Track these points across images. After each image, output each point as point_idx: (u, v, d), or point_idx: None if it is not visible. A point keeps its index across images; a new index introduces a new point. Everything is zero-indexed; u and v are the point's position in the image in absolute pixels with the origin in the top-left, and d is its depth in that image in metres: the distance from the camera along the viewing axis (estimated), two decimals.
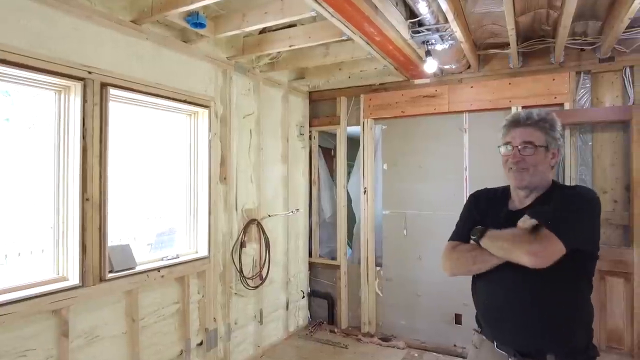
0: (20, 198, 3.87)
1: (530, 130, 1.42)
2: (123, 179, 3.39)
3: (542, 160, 1.42)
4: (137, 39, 2.57)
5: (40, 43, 2.08)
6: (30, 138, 3.87)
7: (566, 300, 1.35)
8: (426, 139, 3.88)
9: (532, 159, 1.41)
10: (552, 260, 1.26)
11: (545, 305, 1.35)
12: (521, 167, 1.42)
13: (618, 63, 3.14)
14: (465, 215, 1.63)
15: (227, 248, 3.28)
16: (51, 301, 2.09)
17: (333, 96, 4.33)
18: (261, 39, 3.17)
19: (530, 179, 1.42)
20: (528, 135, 1.42)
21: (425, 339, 3.81)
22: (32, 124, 4.05)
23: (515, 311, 1.38)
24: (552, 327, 1.33)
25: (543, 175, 1.44)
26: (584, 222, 1.35)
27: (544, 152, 1.42)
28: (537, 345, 1.35)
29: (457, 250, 1.51)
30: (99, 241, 2.32)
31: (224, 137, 3.25)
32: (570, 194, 1.43)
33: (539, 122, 1.43)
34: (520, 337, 1.38)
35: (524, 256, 1.27)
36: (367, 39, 2.78)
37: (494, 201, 1.57)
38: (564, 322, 1.34)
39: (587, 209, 1.37)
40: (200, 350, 3.03)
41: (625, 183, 3.14)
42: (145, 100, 2.69)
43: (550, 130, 1.43)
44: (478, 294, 1.54)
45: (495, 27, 3.23)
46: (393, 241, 4.03)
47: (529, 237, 1.30)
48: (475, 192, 1.68)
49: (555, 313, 1.34)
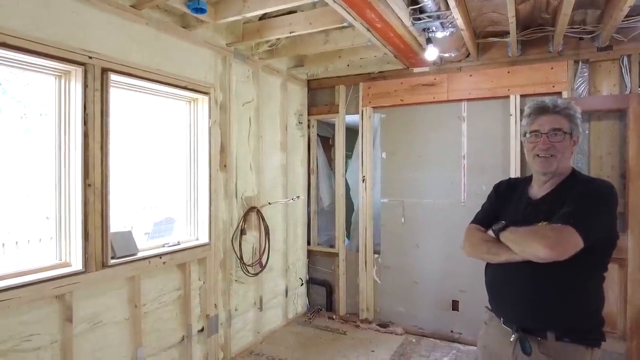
0: (18, 187, 3.84)
1: (558, 117, 1.47)
2: (120, 167, 3.38)
3: (568, 146, 1.48)
4: (137, 24, 2.55)
5: (40, 26, 2.05)
6: (24, 127, 3.83)
7: (572, 285, 1.39)
8: (425, 128, 3.90)
9: (561, 146, 1.46)
10: (569, 253, 1.29)
11: (546, 289, 1.40)
12: (550, 154, 1.46)
13: (616, 52, 3.16)
14: (487, 203, 1.72)
15: (227, 235, 3.30)
16: (55, 286, 2.10)
17: (332, 84, 4.32)
18: (261, 25, 3.15)
19: (558, 165, 1.47)
20: (556, 123, 1.46)
21: (423, 325, 3.88)
22: (24, 114, 4.00)
23: (518, 291, 1.45)
24: (553, 308, 1.39)
25: (566, 162, 1.50)
26: (602, 217, 1.39)
27: (569, 139, 1.47)
28: (537, 323, 1.41)
29: (476, 236, 1.59)
30: (101, 227, 2.32)
31: (223, 124, 3.24)
32: (589, 189, 1.45)
33: (565, 110, 1.48)
34: (522, 315, 1.45)
35: (541, 249, 1.29)
36: (369, 26, 2.77)
37: (515, 189, 1.63)
38: (566, 304, 1.39)
39: (605, 203, 1.42)
40: (202, 336, 3.06)
41: (621, 171, 3.19)
42: (145, 86, 2.67)
43: (574, 117, 1.48)
44: (487, 273, 1.61)
45: (494, 15, 3.23)
46: (391, 229, 4.06)
47: (547, 231, 1.33)
48: (500, 181, 1.76)
49: (558, 296, 1.39)
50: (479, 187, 3.66)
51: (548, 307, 1.40)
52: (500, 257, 1.46)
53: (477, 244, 1.55)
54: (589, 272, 1.41)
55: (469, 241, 1.60)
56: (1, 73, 3.01)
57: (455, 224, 3.72)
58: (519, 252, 1.38)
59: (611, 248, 1.45)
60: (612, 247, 1.45)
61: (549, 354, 1.39)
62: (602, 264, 1.46)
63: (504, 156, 3.54)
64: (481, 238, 1.55)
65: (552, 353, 1.39)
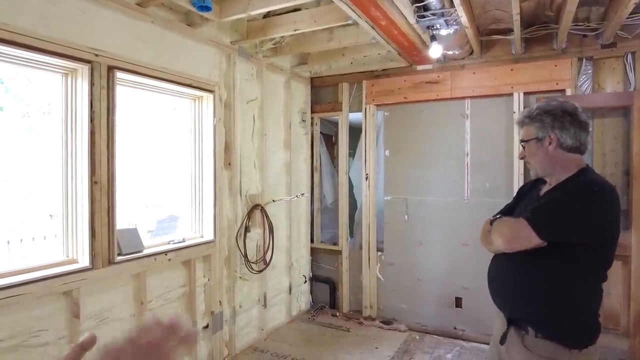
0: (20, 185, 3.86)
1: (525, 128, 1.56)
2: (124, 165, 3.40)
3: (535, 151, 1.53)
4: (142, 22, 2.56)
5: (47, 24, 2.06)
6: (26, 125, 3.85)
7: (554, 282, 1.40)
8: (428, 125, 3.90)
9: (529, 152, 1.55)
10: (520, 247, 1.41)
11: (525, 284, 1.47)
12: (526, 162, 1.61)
13: (620, 49, 3.16)
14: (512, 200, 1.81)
15: (232, 233, 3.31)
16: (62, 283, 2.11)
17: (335, 82, 4.33)
18: (265, 23, 3.15)
19: (537, 170, 1.57)
20: (523, 134, 1.58)
21: (426, 322, 3.89)
22: (27, 113, 4.02)
23: (504, 283, 1.56)
24: (531, 303, 1.44)
25: (545, 163, 1.52)
26: (570, 215, 1.36)
27: (534, 143, 1.52)
28: (518, 316, 1.49)
29: (484, 228, 1.67)
30: (107, 224, 2.33)
31: (228, 122, 3.25)
32: (569, 188, 1.44)
33: (525, 119, 1.56)
34: (507, 307, 1.55)
35: (497, 239, 1.48)
36: (373, 23, 2.77)
37: (535, 187, 1.69)
38: (544, 300, 1.42)
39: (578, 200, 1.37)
40: (207, 333, 3.07)
41: (624, 168, 3.19)
42: (150, 84, 2.68)
43: (535, 120, 1.51)
44: (489, 266, 1.69)
45: (498, 13, 3.24)
46: (394, 226, 4.07)
47: (507, 224, 1.49)
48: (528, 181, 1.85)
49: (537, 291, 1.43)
50: (482, 185, 3.67)
51: (526, 301, 1.46)
52: (491, 247, 1.58)
53: (483, 234, 1.65)
54: (576, 270, 1.38)
55: (481, 233, 1.70)
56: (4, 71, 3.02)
57: (458, 222, 3.74)
58: (492, 242, 1.53)
59: (603, 248, 1.40)
60: (603, 247, 1.40)
61: (529, 348, 1.43)
62: (592, 263, 1.40)
63: (507, 154, 3.55)
64: (487, 230, 1.63)
65: (532, 348, 1.42)
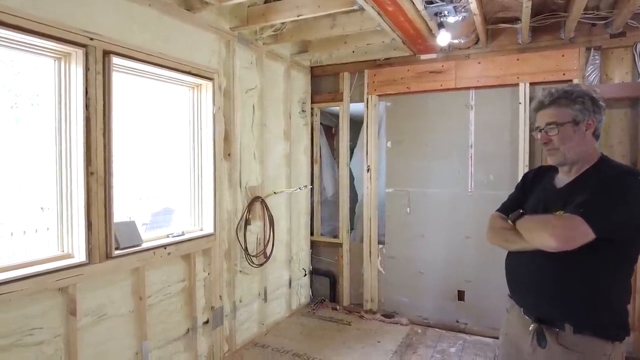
0: (10, 178, 3.71)
1: (552, 109, 1.45)
2: (118, 156, 3.28)
3: (570, 136, 1.43)
4: (139, 5, 2.43)
5: (38, 5, 1.93)
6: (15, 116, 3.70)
7: (592, 277, 1.35)
8: (431, 116, 3.82)
9: (558, 138, 1.44)
10: (576, 244, 1.28)
11: (565, 280, 1.38)
12: (550, 148, 1.48)
13: (629, 38, 3.10)
14: (514, 192, 1.72)
15: (232, 226, 3.22)
16: (57, 279, 2.01)
17: (336, 71, 4.22)
18: (267, 8, 3.03)
19: (565, 156, 1.45)
20: (550, 116, 1.46)
21: (428, 316, 3.85)
22: (15, 104, 3.86)
23: (536, 280, 1.45)
24: (572, 300, 1.37)
25: (579, 149, 1.44)
26: (618, 207, 1.31)
27: (571, 127, 1.43)
28: (555, 314, 1.40)
29: (497, 223, 1.60)
30: (104, 217, 2.23)
31: (227, 111, 3.14)
32: (608, 178, 1.37)
33: (560, 99, 1.44)
34: (540, 305, 1.45)
35: (548, 238, 1.30)
36: (380, 9, 2.68)
37: (542, 177, 1.62)
38: (585, 296, 1.36)
39: (624, 194, 1.32)
40: (207, 328, 2.99)
41: (632, 160, 3.14)
42: (147, 70, 2.56)
43: (576, 102, 1.42)
44: (508, 262, 1.60)
45: (506, 1, 3.15)
46: (396, 219, 4.01)
47: (556, 221, 1.33)
48: (529, 170, 1.77)
49: (577, 287, 1.36)
50: (486, 177, 3.61)
51: (566, 298, 1.38)
52: (516, 245, 1.47)
53: (497, 231, 1.58)
54: (612, 264, 1.36)
55: (490, 228, 1.62)
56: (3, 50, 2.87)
57: (462, 214, 3.68)
58: (529, 240, 1.39)
59: (637, 240, 1.37)
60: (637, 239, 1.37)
61: (567, 345, 1.37)
62: (627, 256, 1.38)
63: (512, 145, 3.49)
64: (501, 226, 1.57)
65: (569, 345, 1.36)
